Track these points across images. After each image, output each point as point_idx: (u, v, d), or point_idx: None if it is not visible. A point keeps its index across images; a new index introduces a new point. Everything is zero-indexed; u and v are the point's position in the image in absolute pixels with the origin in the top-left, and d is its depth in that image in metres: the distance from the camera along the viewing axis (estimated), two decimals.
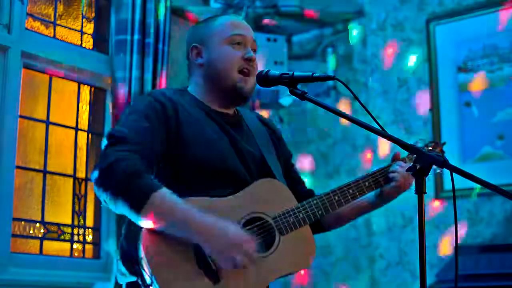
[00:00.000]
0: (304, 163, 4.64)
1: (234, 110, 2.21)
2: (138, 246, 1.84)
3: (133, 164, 1.83)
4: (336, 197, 2.11)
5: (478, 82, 4.00)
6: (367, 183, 2.17)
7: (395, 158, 2.28)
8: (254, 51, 2.16)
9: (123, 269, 1.96)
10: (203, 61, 2.13)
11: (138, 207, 1.79)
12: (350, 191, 2.13)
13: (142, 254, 1.82)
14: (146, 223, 1.81)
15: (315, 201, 2.07)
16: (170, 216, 1.81)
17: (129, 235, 1.95)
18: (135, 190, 1.80)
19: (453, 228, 3.89)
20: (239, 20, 2.21)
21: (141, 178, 1.81)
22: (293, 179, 2.28)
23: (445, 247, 3.88)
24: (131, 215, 1.82)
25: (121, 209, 1.82)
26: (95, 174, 1.84)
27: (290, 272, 2.01)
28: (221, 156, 2.02)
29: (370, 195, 2.21)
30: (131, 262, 1.90)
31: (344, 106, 4.39)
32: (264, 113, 4.67)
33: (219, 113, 2.12)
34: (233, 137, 2.09)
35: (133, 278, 1.92)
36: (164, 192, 1.82)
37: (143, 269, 1.82)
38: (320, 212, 2.06)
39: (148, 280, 1.82)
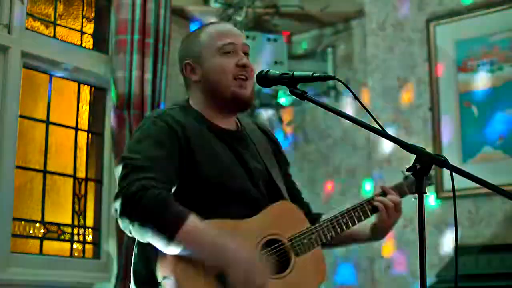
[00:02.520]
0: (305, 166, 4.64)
1: (237, 122, 2.21)
2: (159, 270, 1.85)
3: (160, 192, 1.82)
4: (344, 220, 2.15)
5: (478, 82, 3.99)
6: (370, 206, 2.22)
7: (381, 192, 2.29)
8: (247, 54, 2.14)
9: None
10: (198, 77, 2.12)
11: (170, 235, 1.79)
12: (356, 213, 2.18)
13: (167, 279, 1.82)
14: (175, 250, 1.82)
15: (325, 223, 2.12)
16: (200, 242, 1.83)
17: (142, 257, 1.96)
18: (166, 219, 1.80)
19: (453, 228, 3.89)
20: (226, 26, 2.21)
21: (171, 206, 1.82)
22: (290, 189, 2.29)
23: (445, 247, 3.88)
24: (160, 243, 1.81)
25: (150, 238, 1.81)
26: (120, 203, 1.82)
27: None
28: (233, 177, 2.03)
29: (366, 228, 2.26)
30: (146, 285, 1.91)
31: (349, 106, 4.39)
32: (264, 113, 4.67)
33: (224, 131, 2.12)
34: (241, 157, 2.10)
35: None
36: (194, 219, 1.83)
37: None
38: (330, 234, 2.12)
39: None
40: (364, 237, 2.29)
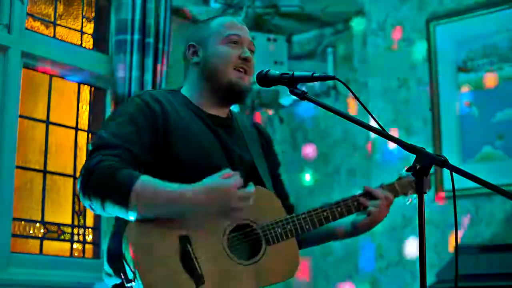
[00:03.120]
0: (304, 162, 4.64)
1: (228, 113, 2.20)
2: (122, 241, 1.84)
3: (111, 164, 1.84)
4: (325, 214, 2.10)
5: (478, 82, 4.00)
6: (355, 203, 2.16)
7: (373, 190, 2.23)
8: (252, 52, 2.15)
9: (108, 269, 1.96)
10: (199, 59, 2.13)
11: (124, 201, 1.80)
12: (339, 209, 2.13)
13: (126, 249, 1.82)
14: (136, 215, 1.82)
15: (303, 215, 2.07)
16: (155, 200, 1.83)
17: (115, 233, 1.96)
18: (116, 187, 1.81)
19: (453, 228, 3.89)
20: (237, 21, 2.21)
21: (119, 173, 1.83)
22: (278, 189, 2.26)
23: (445, 247, 3.88)
24: (121, 212, 1.84)
25: (110, 209, 1.84)
26: (78, 183, 1.87)
27: (272, 283, 1.99)
28: (208, 156, 2.01)
29: (347, 223, 2.21)
30: (117, 261, 1.90)
31: (349, 106, 4.39)
32: (264, 113, 4.67)
33: (210, 115, 2.12)
34: (221, 138, 2.08)
35: (119, 280, 1.92)
36: (144, 180, 1.83)
37: (126, 264, 1.82)
38: (307, 227, 2.06)
39: (130, 275, 1.81)
40: (344, 233, 2.23)
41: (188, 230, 1.87)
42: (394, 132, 4.05)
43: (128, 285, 1.84)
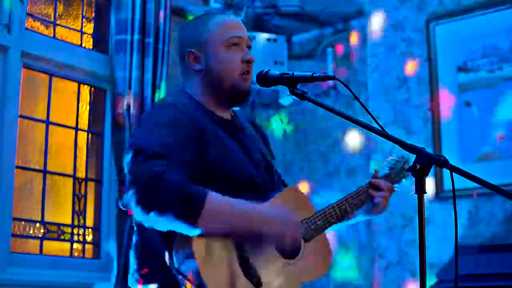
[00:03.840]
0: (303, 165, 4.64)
1: (232, 113, 2.21)
2: (176, 252, 1.84)
3: (176, 177, 1.78)
4: (344, 207, 2.17)
5: (478, 82, 4.00)
6: (366, 195, 2.24)
7: (374, 176, 2.32)
8: (249, 48, 2.15)
9: (137, 276, 1.96)
10: (201, 67, 2.11)
11: (194, 215, 1.77)
12: (355, 201, 2.21)
13: (185, 261, 1.82)
14: (202, 230, 1.79)
15: (329, 210, 2.14)
16: (229, 214, 1.84)
17: (144, 242, 1.96)
18: (187, 200, 1.76)
19: (453, 228, 3.89)
20: (233, 19, 2.18)
21: (189, 187, 1.78)
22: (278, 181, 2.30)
23: (445, 247, 3.88)
24: (184, 228, 1.79)
25: (172, 223, 1.78)
26: (133, 193, 1.77)
27: (315, 278, 2.08)
28: (241, 165, 2.03)
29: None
30: (152, 269, 1.92)
31: (349, 106, 4.39)
32: (264, 113, 4.67)
33: (224, 120, 2.12)
34: (245, 146, 2.11)
35: (148, 285, 1.93)
36: (214, 194, 1.81)
37: (184, 274, 1.82)
38: (333, 220, 2.14)
39: (192, 285, 1.81)
40: (353, 218, 2.30)
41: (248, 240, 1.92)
42: (394, 132, 4.05)
43: None
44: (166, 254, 1.87)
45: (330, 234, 2.38)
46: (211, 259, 1.83)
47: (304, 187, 4.54)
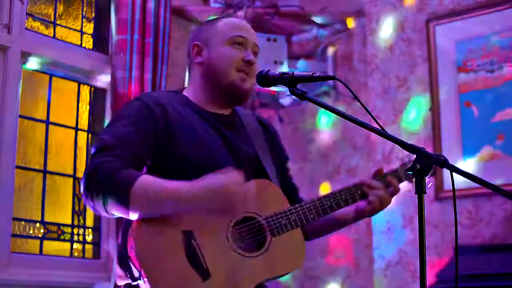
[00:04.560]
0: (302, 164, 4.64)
1: (231, 110, 2.21)
2: (127, 241, 1.86)
3: (113, 165, 1.85)
4: (328, 202, 2.10)
5: (478, 82, 3.99)
6: (359, 191, 2.16)
7: (377, 173, 2.24)
8: (256, 54, 2.16)
9: (119, 270, 1.97)
10: (203, 59, 2.14)
11: (124, 201, 1.81)
12: (342, 197, 2.13)
13: (131, 247, 1.83)
14: (137, 214, 1.83)
15: (307, 205, 2.07)
16: (155, 199, 1.83)
17: (123, 234, 1.96)
18: (116, 187, 1.82)
19: (452, 228, 3.89)
20: (243, 23, 2.22)
21: (119, 173, 1.83)
22: (286, 184, 2.27)
23: (445, 247, 3.88)
24: (122, 213, 1.84)
25: (112, 210, 1.84)
26: (81, 185, 1.88)
27: (279, 275, 2.00)
28: (212, 154, 2.02)
29: (351, 209, 2.19)
30: (124, 261, 1.91)
31: (350, 106, 4.39)
32: (264, 113, 4.67)
33: (212, 114, 2.12)
34: (225, 136, 2.09)
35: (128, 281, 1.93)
36: (144, 179, 1.84)
37: (132, 263, 1.82)
38: (312, 216, 2.06)
39: (136, 274, 1.82)
40: (351, 218, 2.21)
41: (191, 225, 1.88)
42: (394, 132, 4.05)
43: (135, 283, 1.84)
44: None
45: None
46: (155, 246, 1.82)
47: (304, 187, 4.54)
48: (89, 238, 3.76)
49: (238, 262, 1.91)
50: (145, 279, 1.78)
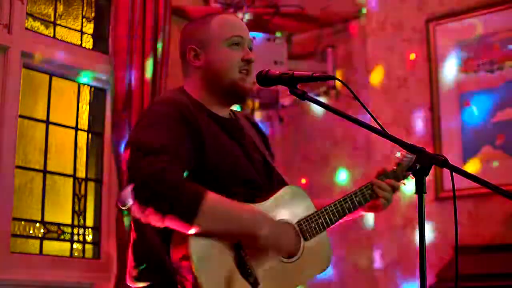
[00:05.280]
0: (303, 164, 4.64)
1: (230, 112, 2.21)
2: (174, 250, 1.84)
3: (176, 173, 1.79)
4: (347, 204, 2.17)
5: (478, 82, 4.00)
6: (370, 191, 2.22)
7: (380, 173, 2.31)
8: (251, 49, 2.15)
9: (135, 272, 1.97)
10: (201, 63, 2.11)
11: (190, 217, 1.77)
12: (357, 198, 2.20)
13: (182, 259, 1.81)
14: (197, 231, 1.80)
15: (330, 208, 2.13)
16: (225, 215, 1.85)
17: (143, 239, 1.95)
18: (185, 199, 1.76)
19: (453, 228, 3.88)
20: (236, 19, 2.21)
21: (186, 187, 1.78)
22: (279, 180, 2.28)
23: (445, 247, 3.88)
24: (181, 226, 1.79)
25: (170, 221, 1.78)
26: (132, 189, 1.77)
27: (314, 275, 2.09)
28: (236, 163, 2.04)
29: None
30: (147, 265, 1.92)
31: (349, 106, 4.39)
32: (264, 113, 4.67)
33: (222, 119, 2.12)
34: (243, 145, 2.11)
35: (144, 284, 1.94)
36: (212, 194, 1.81)
37: (181, 273, 1.82)
38: (335, 218, 2.13)
39: (188, 285, 1.81)
40: (358, 214, 2.30)
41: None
42: (394, 132, 4.05)
43: None
44: (166, 252, 1.87)
45: (331, 232, 2.39)
46: (208, 259, 1.83)
47: (304, 187, 4.54)
48: (89, 238, 3.76)
49: (281, 268, 1.97)
50: None
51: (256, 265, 1.90)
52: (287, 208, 2.05)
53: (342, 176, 4.51)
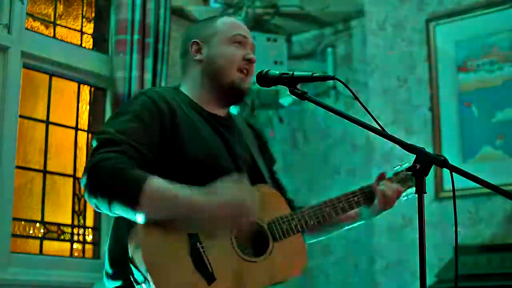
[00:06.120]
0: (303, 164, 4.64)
1: (227, 112, 2.21)
2: (129, 243, 1.82)
3: (119, 162, 1.79)
4: (328, 209, 2.13)
5: (478, 82, 4.00)
6: (356, 198, 2.20)
7: (380, 177, 2.30)
8: (253, 52, 2.16)
9: (109, 270, 1.96)
10: (202, 57, 2.13)
11: (133, 202, 1.76)
12: (341, 204, 2.16)
13: (135, 251, 1.79)
14: (145, 216, 1.78)
15: (307, 211, 2.09)
16: (166, 203, 1.79)
17: (116, 236, 1.96)
18: (125, 187, 1.77)
19: (452, 228, 3.88)
20: (240, 22, 2.22)
21: (128, 172, 1.78)
22: (277, 186, 2.27)
23: (445, 247, 3.88)
24: (128, 213, 1.79)
25: (117, 209, 1.79)
26: (83, 179, 1.81)
27: (282, 279, 2.00)
28: (215, 156, 2.01)
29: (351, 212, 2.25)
30: (119, 263, 1.90)
31: (350, 106, 4.38)
32: (264, 113, 4.67)
33: (212, 115, 2.12)
34: (226, 139, 2.09)
35: (118, 283, 1.93)
36: (154, 181, 1.79)
37: (136, 267, 1.80)
38: (312, 222, 2.09)
39: (140, 279, 1.80)
40: (352, 221, 2.29)
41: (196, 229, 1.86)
42: (394, 132, 4.05)
43: (138, 286, 1.83)
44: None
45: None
46: (161, 250, 1.79)
47: (304, 187, 4.54)
48: (89, 238, 3.76)
49: (242, 267, 1.91)
50: (151, 283, 1.76)
51: (215, 260, 1.85)
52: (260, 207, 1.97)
53: (342, 177, 4.51)
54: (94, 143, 1.87)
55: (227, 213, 1.82)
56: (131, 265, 1.81)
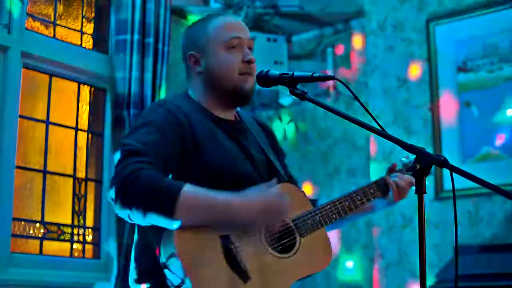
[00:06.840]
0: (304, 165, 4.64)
1: (235, 114, 2.22)
2: (162, 248, 1.84)
3: (152, 172, 1.80)
4: (347, 203, 2.16)
5: (478, 82, 3.99)
6: (372, 191, 2.23)
7: (391, 169, 2.33)
8: (251, 49, 2.15)
9: (137, 277, 1.98)
10: (202, 68, 2.12)
11: (171, 211, 1.76)
12: (359, 197, 2.20)
13: (171, 255, 1.81)
14: (182, 223, 1.79)
15: (328, 206, 2.12)
16: (203, 209, 1.81)
17: (144, 243, 1.97)
18: (162, 196, 1.77)
19: (453, 228, 3.89)
20: (234, 20, 2.19)
21: (163, 182, 1.79)
22: (289, 179, 2.29)
23: (445, 247, 3.88)
24: (164, 222, 1.79)
25: (152, 219, 1.79)
26: (113, 191, 1.80)
27: (311, 273, 2.06)
28: (234, 163, 2.04)
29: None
30: (147, 270, 1.93)
31: (350, 106, 4.38)
32: (264, 113, 4.67)
33: (223, 120, 2.13)
34: (243, 145, 2.11)
35: (147, 285, 1.95)
36: (190, 187, 1.80)
37: (171, 271, 1.82)
38: (334, 216, 2.12)
39: (176, 281, 1.81)
40: (367, 212, 2.33)
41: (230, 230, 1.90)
42: (394, 132, 4.05)
43: None
44: (157, 250, 1.87)
45: (331, 232, 2.39)
46: (196, 253, 1.82)
47: (304, 187, 4.54)
48: (89, 238, 3.76)
49: (274, 264, 1.95)
50: (190, 285, 1.78)
51: (248, 259, 1.88)
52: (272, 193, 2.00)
53: (342, 177, 4.51)
54: (119, 155, 1.87)
55: (264, 215, 1.87)
56: (165, 270, 1.83)
